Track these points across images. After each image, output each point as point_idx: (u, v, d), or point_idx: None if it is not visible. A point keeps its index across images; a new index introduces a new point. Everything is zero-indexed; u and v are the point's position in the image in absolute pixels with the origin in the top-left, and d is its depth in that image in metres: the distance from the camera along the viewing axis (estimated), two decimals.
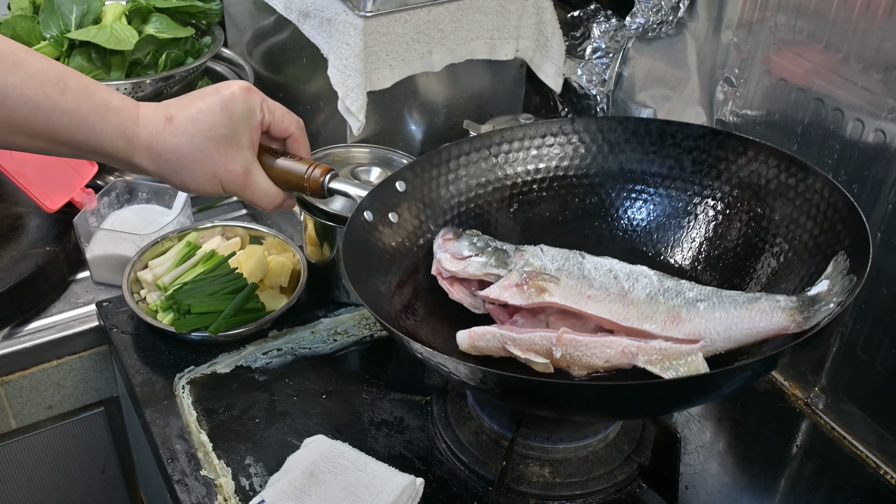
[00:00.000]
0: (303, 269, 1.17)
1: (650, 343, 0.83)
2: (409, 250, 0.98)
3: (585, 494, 0.91)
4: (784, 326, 0.80)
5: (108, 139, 0.82)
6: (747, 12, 1.06)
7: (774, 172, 0.93)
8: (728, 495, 0.94)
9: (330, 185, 0.93)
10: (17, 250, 1.22)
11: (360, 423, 0.99)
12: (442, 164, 1.03)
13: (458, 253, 0.94)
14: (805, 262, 0.88)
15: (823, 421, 1.05)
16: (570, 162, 1.06)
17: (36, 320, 1.20)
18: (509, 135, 1.05)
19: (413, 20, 1.19)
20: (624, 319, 0.85)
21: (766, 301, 0.82)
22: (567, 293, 0.88)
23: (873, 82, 0.92)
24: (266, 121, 0.90)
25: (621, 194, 1.04)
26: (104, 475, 1.36)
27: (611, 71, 1.31)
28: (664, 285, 0.87)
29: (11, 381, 1.17)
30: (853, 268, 0.80)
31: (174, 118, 0.85)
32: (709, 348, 0.83)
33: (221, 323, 1.07)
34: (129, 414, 1.24)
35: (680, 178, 1.01)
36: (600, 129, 1.04)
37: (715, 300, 0.85)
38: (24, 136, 0.79)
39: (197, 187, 0.89)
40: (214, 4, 1.51)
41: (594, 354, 0.83)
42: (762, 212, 0.94)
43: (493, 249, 0.94)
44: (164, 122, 0.84)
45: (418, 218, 1.00)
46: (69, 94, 0.79)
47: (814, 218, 0.89)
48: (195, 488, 0.92)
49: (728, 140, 0.97)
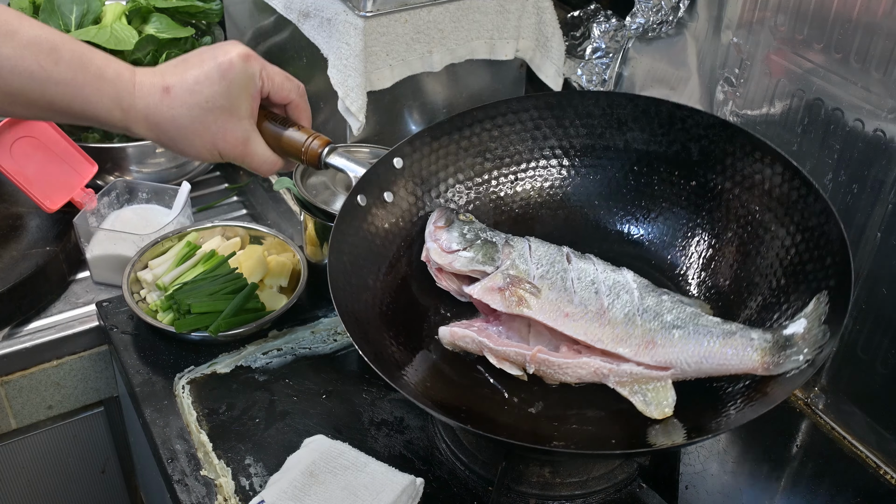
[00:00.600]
0: (303, 269, 1.17)
1: (622, 366, 0.85)
2: (403, 229, 0.98)
3: (585, 494, 0.91)
4: (752, 368, 0.82)
5: (104, 109, 0.81)
6: (747, 12, 1.06)
7: (778, 181, 0.91)
8: (728, 495, 0.94)
9: (327, 158, 0.92)
10: (17, 250, 1.22)
11: (360, 423, 0.99)
12: (441, 138, 1.01)
13: (446, 245, 0.94)
14: (791, 284, 0.88)
15: (823, 421, 1.05)
16: (575, 133, 1.04)
17: (36, 320, 1.20)
18: (515, 105, 1.03)
19: (413, 20, 1.19)
20: (598, 341, 0.87)
21: (740, 337, 0.83)
22: (545, 309, 0.89)
23: (873, 82, 0.92)
24: (265, 89, 0.88)
25: (626, 175, 1.02)
26: (104, 475, 1.36)
27: (611, 71, 1.31)
28: (644, 304, 0.88)
29: (11, 381, 1.17)
30: (831, 316, 0.80)
31: (171, 88, 0.83)
32: (678, 376, 0.85)
33: (221, 323, 1.07)
34: (129, 414, 1.24)
35: (685, 166, 0.99)
36: (610, 103, 1.02)
37: (691, 329, 0.86)
38: (21, 105, 0.79)
39: (195, 155, 0.88)
40: (214, 4, 1.51)
41: (566, 373, 0.87)
42: (759, 218, 0.93)
43: (482, 243, 0.94)
44: (160, 92, 0.83)
45: (414, 195, 0.99)
46: (63, 65, 0.78)
47: (806, 241, 0.88)
48: (195, 488, 0.92)
49: (738, 135, 0.94)
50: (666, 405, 0.83)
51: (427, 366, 0.91)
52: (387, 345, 0.89)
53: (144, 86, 0.83)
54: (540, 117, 1.03)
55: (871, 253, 0.96)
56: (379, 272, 0.95)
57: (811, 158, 1.01)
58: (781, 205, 0.91)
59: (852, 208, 0.97)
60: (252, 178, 1.50)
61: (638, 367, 0.85)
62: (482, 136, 1.03)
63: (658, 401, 0.83)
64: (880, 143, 0.92)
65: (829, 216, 0.85)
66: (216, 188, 1.50)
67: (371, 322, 0.90)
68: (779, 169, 0.91)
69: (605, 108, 1.01)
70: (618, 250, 0.99)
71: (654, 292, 0.90)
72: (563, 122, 1.03)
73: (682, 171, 0.99)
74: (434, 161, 1.01)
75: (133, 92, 0.82)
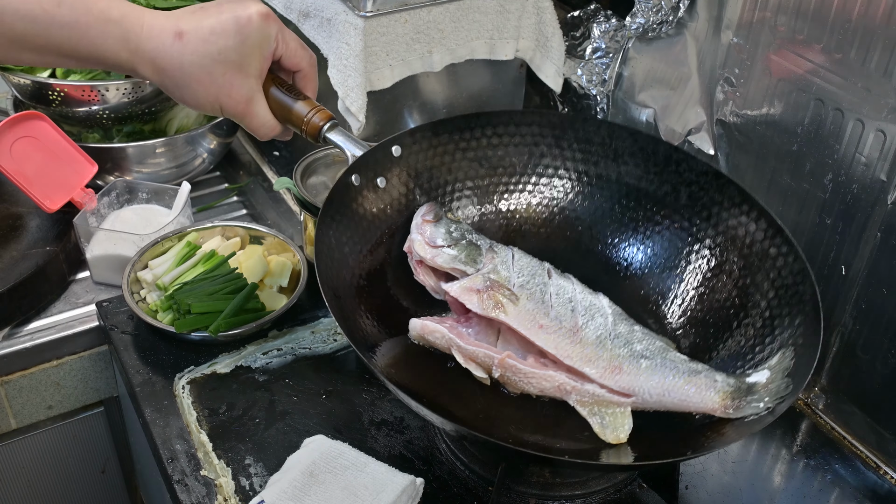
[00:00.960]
0: (303, 269, 1.17)
1: (585, 385, 0.86)
2: (390, 217, 0.99)
3: (585, 494, 0.91)
4: (712, 408, 0.83)
5: (110, 52, 0.81)
6: (747, 12, 1.06)
7: (760, 236, 0.93)
8: (728, 495, 0.94)
9: (327, 134, 0.91)
10: (17, 250, 1.22)
11: (360, 423, 0.99)
12: (442, 135, 1.02)
13: (431, 240, 0.95)
14: (758, 336, 0.89)
15: (823, 421, 1.05)
16: (571, 157, 1.06)
17: (36, 320, 1.20)
18: (518, 118, 1.05)
19: (413, 20, 1.19)
20: (567, 357, 0.87)
21: (704, 377, 0.84)
22: (521, 317, 0.89)
23: (873, 82, 0.92)
24: (279, 51, 0.87)
25: (612, 205, 1.04)
26: (104, 475, 1.36)
27: (611, 71, 1.31)
28: (616, 330, 0.89)
29: (11, 381, 1.17)
30: (795, 370, 0.81)
31: (184, 34, 0.82)
32: (639, 405, 0.86)
33: (221, 323, 1.07)
34: (129, 414, 1.24)
35: (671, 207, 1.01)
36: (610, 133, 1.04)
37: (658, 361, 0.86)
38: (28, 51, 0.79)
39: (195, 105, 0.87)
40: None
41: (530, 383, 0.88)
42: (737, 270, 0.94)
43: (467, 243, 0.95)
44: (172, 36, 0.81)
45: (407, 186, 1.00)
46: (66, 7, 0.78)
47: (779, 298, 0.89)
48: (195, 488, 0.92)
49: (728, 187, 0.97)
50: (622, 431, 0.84)
51: (396, 352, 0.92)
52: (361, 325, 0.90)
53: (155, 28, 0.82)
54: (540, 134, 1.05)
55: (871, 253, 0.96)
56: (360, 253, 0.95)
57: (811, 158, 1.01)
58: (760, 260, 0.92)
59: (852, 208, 0.97)
60: (252, 178, 1.50)
61: (601, 389, 0.86)
62: (481, 141, 1.04)
63: (615, 425, 0.84)
64: (880, 144, 0.92)
65: (805, 276, 0.87)
66: (216, 188, 1.50)
67: (347, 299, 0.91)
68: (763, 225, 0.93)
69: (604, 138, 1.04)
70: (594, 275, 1.00)
71: (627, 321, 0.91)
72: (561, 143, 1.05)
73: (667, 212, 1.01)
74: (431, 157, 1.02)
75: (141, 33, 0.81)
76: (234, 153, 1.56)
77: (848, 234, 0.98)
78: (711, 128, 1.15)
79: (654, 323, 0.98)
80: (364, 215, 0.96)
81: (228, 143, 1.50)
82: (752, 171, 1.10)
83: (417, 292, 0.98)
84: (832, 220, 1.00)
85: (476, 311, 0.90)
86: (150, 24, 0.82)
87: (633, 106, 1.29)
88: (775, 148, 1.05)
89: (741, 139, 1.11)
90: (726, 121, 1.12)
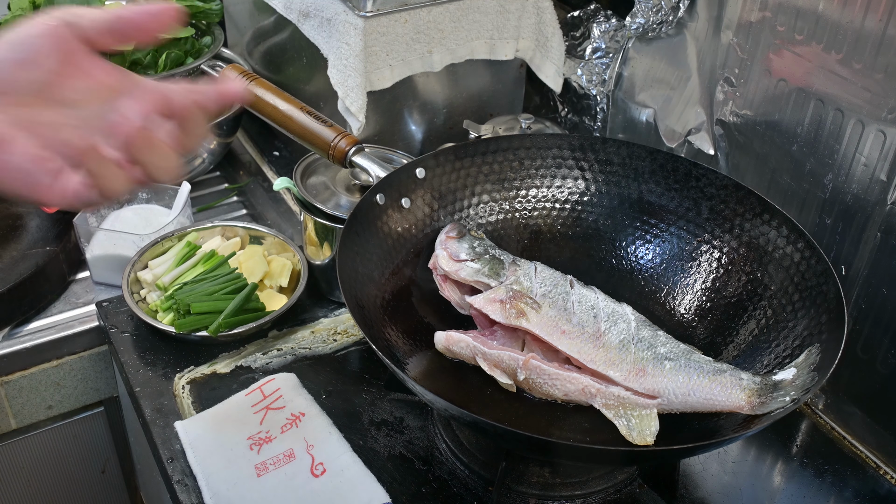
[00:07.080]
0: (303, 269, 1.17)
1: (610, 388, 0.86)
2: (414, 237, 1.01)
3: (585, 494, 0.91)
4: (739, 406, 0.83)
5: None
6: (747, 12, 1.06)
7: (783, 242, 0.94)
8: (728, 495, 0.94)
9: (353, 157, 0.96)
10: (17, 250, 1.22)
11: (360, 423, 0.99)
12: (465, 158, 1.05)
13: (455, 254, 0.96)
14: (785, 338, 0.89)
15: (823, 421, 1.05)
16: (593, 178, 1.08)
17: (36, 320, 1.20)
18: (540, 141, 1.08)
19: (413, 20, 1.19)
20: (591, 361, 0.87)
21: (729, 376, 0.84)
22: (544, 323, 0.90)
23: (873, 82, 0.92)
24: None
25: (634, 223, 1.06)
26: (104, 475, 1.36)
27: (611, 71, 1.31)
28: (640, 334, 0.89)
29: (11, 381, 1.17)
30: (821, 364, 0.81)
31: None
32: (664, 407, 0.86)
33: (221, 323, 1.07)
34: (129, 414, 1.24)
35: (694, 222, 1.02)
36: (630, 154, 1.06)
37: (682, 362, 0.87)
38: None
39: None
40: (214, 4, 1.51)
41: (555, 386, 0.87)
42: (760, 276, 0.96)
43: (490, 258, 0.96)
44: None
45: (430, 206, 1.03)
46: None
47: (804, 300, 0.90)
48: (195, 488, 0.92)
49: (748, 198, 0.98)
50: (648, 433, 0.84)
51: (423, 364, 0.92)
52: (386, 335, 0.91)
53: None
54: (561, 157, 1.08)
55: (871, 253, 0.96)
56: (384, 271, 0.96)
57: (811, 159, 1.01)
58: (785, 265, 0.94)
59: (852, 209, 0.97)
60: (252, 178, 1.50)
61: (626, 391, 0.86)
62: (503, 164, 1.07)
63: (641, 428, 0.84)
64: (881, 144, 0.92)
65: (828, 276, 0.88)
66: (216, 188, 1.50)
67: (373, 311, 0.92)
68: (785, 231, 0.95)
69: (624, 158, 1.07)
70: (618, 291, 1.01)
71: (651, 327, 0.91)
72: (581, 165, 1.08)
73: (690, 227, 1.03)
74: (454, 179, 1.05)
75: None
76: (234, 153, 1.56)
77: (848, 234, 0.98)
78: (711, 128, 1.16)
79: (677, 331, 0.98)
80: (389, 234, 0.98)
81: (228, 143, 1.50)
82: (752, 171, 1.10)
83: (443, 310, 0.99)
84: (832, 221, 1.00)
85: (499, 320, 0.90)
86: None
87: (632, 106, 1.29)
88: (775, 148, 1.06)
89: (741, 139, 1.11)
90: (726, 121, 1.12)
